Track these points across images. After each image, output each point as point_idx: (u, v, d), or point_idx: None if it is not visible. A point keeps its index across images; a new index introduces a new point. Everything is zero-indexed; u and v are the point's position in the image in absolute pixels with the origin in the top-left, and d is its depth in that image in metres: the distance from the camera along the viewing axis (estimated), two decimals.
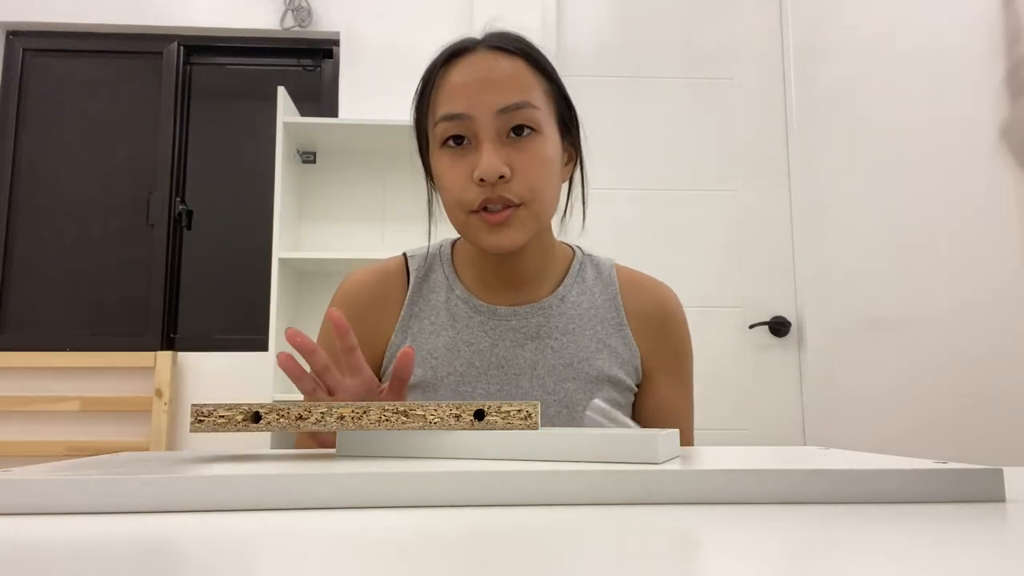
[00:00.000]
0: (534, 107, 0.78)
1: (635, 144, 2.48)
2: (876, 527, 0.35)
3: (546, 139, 0.80)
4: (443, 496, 0.41)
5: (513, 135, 0.78)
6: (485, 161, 0.75)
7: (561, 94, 0.85)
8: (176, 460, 0.51)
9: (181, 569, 0.28)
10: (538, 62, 0.83)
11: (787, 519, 0.37)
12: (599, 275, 0.91)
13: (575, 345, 0.86)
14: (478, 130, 0.77)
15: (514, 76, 0.79)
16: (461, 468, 0.42)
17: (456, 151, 0.79)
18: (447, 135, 0.79)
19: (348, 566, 0.28)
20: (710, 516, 0.38)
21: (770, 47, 2.54)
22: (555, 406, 0.83)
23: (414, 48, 2.49)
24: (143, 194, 2.57)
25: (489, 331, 0.85)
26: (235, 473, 0.41)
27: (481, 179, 0.76)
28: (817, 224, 2.36)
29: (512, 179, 0.77)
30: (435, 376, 0.83)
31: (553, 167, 0.81)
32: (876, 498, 0.42)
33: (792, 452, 0.57)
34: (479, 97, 0.77)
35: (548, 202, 0.81)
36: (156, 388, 2.29)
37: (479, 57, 0.80)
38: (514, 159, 0.77)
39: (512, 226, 0.78)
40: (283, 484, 0.40)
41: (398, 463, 0.47)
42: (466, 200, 0.78)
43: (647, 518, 0.37)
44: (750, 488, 0.42)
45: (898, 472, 0.42)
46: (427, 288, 0.88)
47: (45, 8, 2.52)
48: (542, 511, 0.39)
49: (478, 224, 0.78)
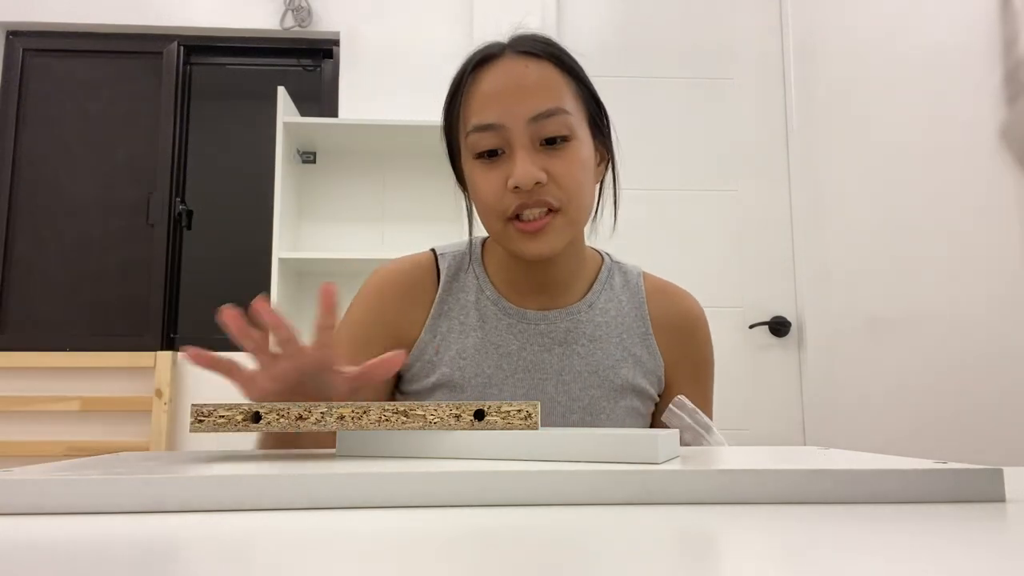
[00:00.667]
0: (566, 112, 0.78)
1: (635, 144, 2.47)
2: (876, 527, 0.35)
3: (580, 143, 0.79)
4: (443, 496, 0.41)
5: (546, 144, 0.77)
6: (520, 169, 0.75)
7: (591, 94, 0.84)
8: (176, 460, 0.51)
9: (181, 569, 0.28)
10: (566, 64, 0.82)
11: (787, 519, 0.37)
12: (627, 283, 0.91)
13: (601, 352, 0.86)
14: (511, 139, 0.77)
15: (544, 82, 0.78)
16: (461, 468, 0.42)
17: (489, 162, 0.79)
18: (480, 148, 0.78)
19: (348, 566, 0.28)
20: (710, 516, 0.38)
21: (770, 47, 2.54)
22: (579, 412, 0.83)
23: (414, 48, 2.50)
24: (143, 194, 2.57)
25: (518, 334, 0.85)
26: (235, 473, 0.41)
27: (516, 187, 0.75)
28: (817, 224, 2.36)
29: (548, 184, 0.76)
30: (463, 376, 0.83)
31: (588, 171, 0.81)
32: (876, 498, 0.42)
33: (792, 452, 0.57)
34: (510, 106, 0.77)
35: (584, 207, 0.81)
36: (156, 388, 2.29)
37: (508, 63, 0.79)
38: (549, 165, 0.77)
39: (549, 233, 0.78)
40: (283, 484, 0.40)
41: (398, 463, 0.47)
42: (501, 208, 0.77)
43: (647, 518, 0.37)
44: (750, 488, 0.42)
45: (898, 472, 0.42)
46: (457, 287, 0.88)
47: (45, 8, 2.52)
48: (542, 511, 0.39)
49: (514, 233, 0.78)
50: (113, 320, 2.50)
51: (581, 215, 0.81)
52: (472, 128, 0.78)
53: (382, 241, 2.47)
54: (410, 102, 2.40)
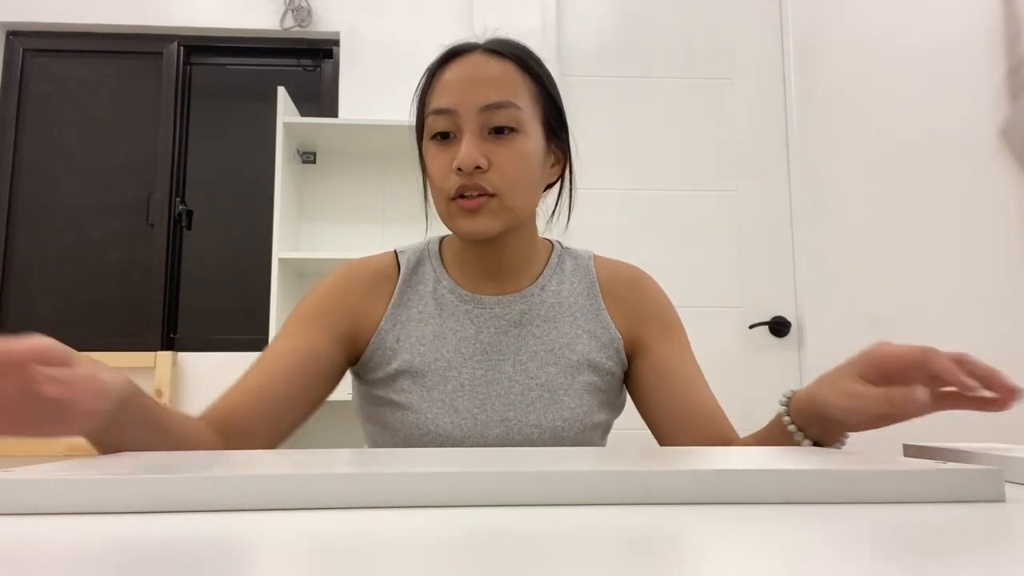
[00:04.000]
0: (516, 107, 0.84)
1: (635, 144, 2.48)
2: (876, 527, 0.35)
3: (527, 138, 0.85)
4: (443, 496, 0.41)
5: (494, 133, 0.83)
6: (463, 152, 0.81)
7: (551, 99, 0.90)
8: (176, 460, 0.51)
9: (181, 569, 0.28)
10: (529, 66, 0.87)
11: (787, 519, 0.37)
12: (577, 266, 0.96)
13: (556, 331, 0.90)
14: (462, 124, 0.83)
15: (501, 77, 0.84)
16: (461, 469, 0.42)
17: (442, 144, 0.85)
18: (435, 130, 0.85)
19: (348, 566, 0.28)
20: (710, 516, 0.38)
21: (770, 47, 2.54)
22: (537, 390, 0.87)
23: (414, 48, 2.50)
24: (143, 194, 2.57)
25: (474, 319, 0.89)
26: (235, 473, 0.41)
27: (459, 168, 0.81)
28: (817, 224, 2.36)
29: (489, 170, 0.82)
30: (423, 361, 0.87)
31: (531, 164, 0.85)
32: (876, 498, 0.42)
33: (792, 452, 0.57)
34: (466, 94, 0.83)
35: (523, 196, 0.86)
36: (156, 388, 2.29)
37: (473, 58, 0.86)
38: (492, 152, 0.83)
39: (484, 214, 0.83)
40: (283, 484, 0.40)
41: (398, 463, 0.47)
42: (446, 187, 0.83)
43: (647, 518, 0.37)
44: (750, 488, 0.42)
45: (898, 473, 0.42)
46: (416, 280, 0.93)
47: (45, 8, 2.52)
48: (542, 511, 0.39)
49: (455, 210, 0.84)
50: (113, 320, 2.50)
51: (517, 203, 0.85)
52: (431, 111, 0.86)
53: (382, 241, 2.47)
54: (410, 102, 2.40)
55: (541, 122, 0.87)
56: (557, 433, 0.84)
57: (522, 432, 0.84)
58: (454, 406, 0.84)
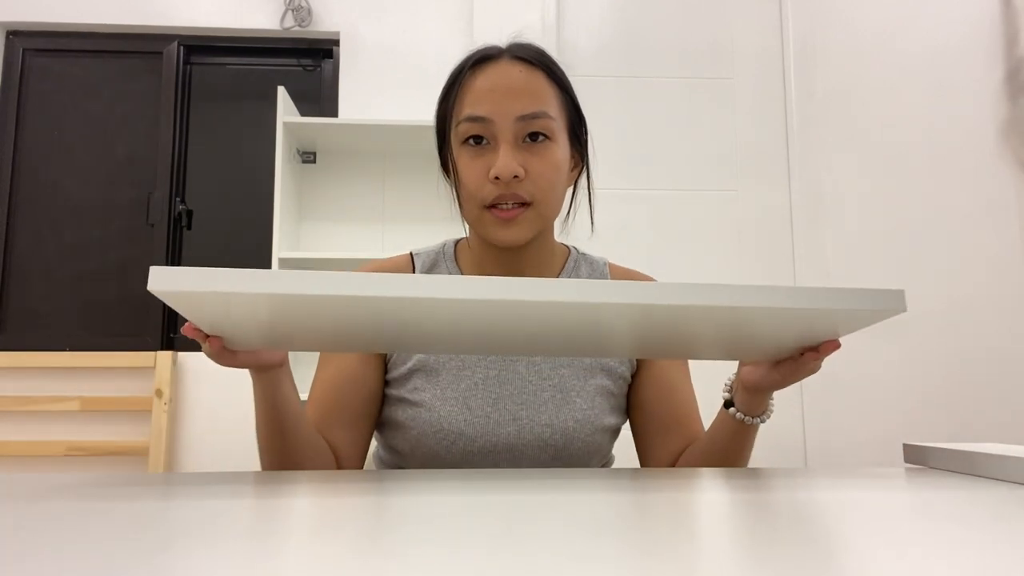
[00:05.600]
0: (549, 117, 0.85)
1: (635, 144, 2.47)
2: (873, 523, 0.35)
3: (558, 146, 0.86)
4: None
5: (528, 140, 0.85)
6: (502, 161, 0.82)
7: (573, 105, 0.91)
8: None
9: (181, 557, 0.28)
10: (555, 75, 0.89)
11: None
12: (592, 271, 0.98)
13: None
14: (497, 133, 0.84)
15: (534, 87, 0.86)
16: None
17: (475, 149, 0.85)
18: (468, 134, 0.85)
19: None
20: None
21: (770, 46, 2.53)
22: (550, 390, 0.88)
23: (414, 48, 2.49)
24: (143, 194, 2.57)
25: None
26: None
27: (496, 177, 0.82)
28: (817, 224, 2.36)
29: (525, 180, 0.83)
30: (437, 361, 0.88)
31: (561, 172, 0.87)
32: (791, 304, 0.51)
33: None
34: (501, 103, 0.84)
35: (554, 204, 0.87)
36: (156, 388, 2.29)
37: (503, 66, 0.87)
38: (528, 162, 0.84)
39: (520, 223, 0.84)
40: None
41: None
42: (481, 195, 0.84)
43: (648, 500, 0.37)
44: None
45: (809, 290, 0.51)
46: None
47: (45, 8, 2.52)
48: (543, 500, 0.39)
49: (490, 219, 0.85)
50: (113, 320, 2.50)
51: (550, 211, 0.87)
52: (464, 118, 0.85)
53: (382, 241, 2.47)
54: (410, 102, 2.40)
55: (567, 129, 0.89)
56: (568, 433, 0.86)
57: (533, 431, 0.85)
58: (467, 404, 0.85)
